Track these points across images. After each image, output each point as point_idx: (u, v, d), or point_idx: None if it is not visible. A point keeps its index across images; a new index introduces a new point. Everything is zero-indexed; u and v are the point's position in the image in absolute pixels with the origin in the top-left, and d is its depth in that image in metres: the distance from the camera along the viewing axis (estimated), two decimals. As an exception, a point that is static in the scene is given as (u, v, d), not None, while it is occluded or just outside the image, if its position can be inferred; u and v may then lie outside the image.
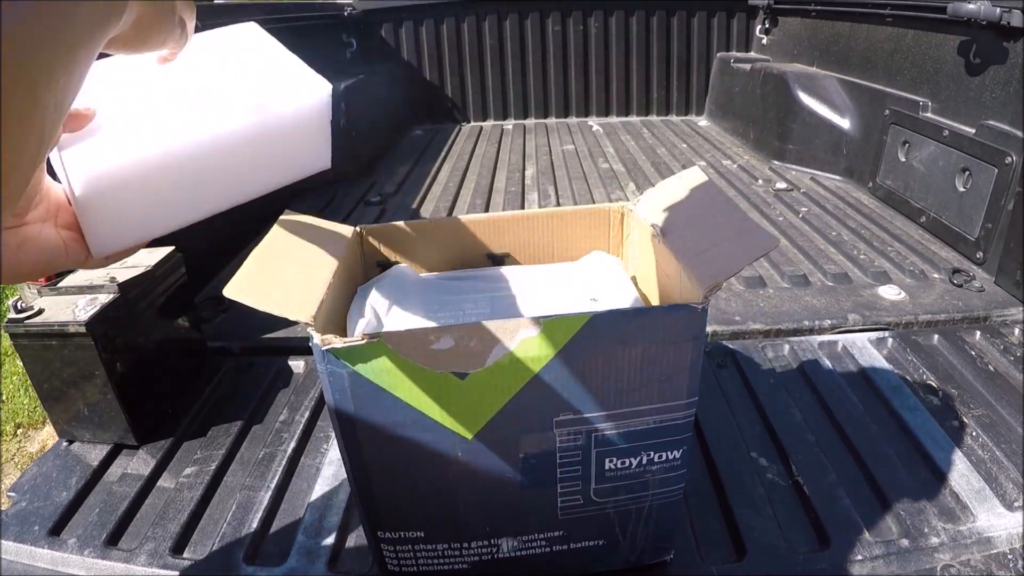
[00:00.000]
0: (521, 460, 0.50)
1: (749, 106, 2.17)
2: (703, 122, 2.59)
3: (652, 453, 0.52)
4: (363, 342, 0.43)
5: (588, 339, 0.45)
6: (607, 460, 0.51)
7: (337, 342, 0.43)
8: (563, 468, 0.51)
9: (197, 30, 0.42)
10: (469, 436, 0.48)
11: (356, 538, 0.68)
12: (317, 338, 0.43)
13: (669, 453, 0.52)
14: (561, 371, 0.46)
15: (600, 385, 0.47)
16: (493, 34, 2.55)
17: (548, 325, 0.44)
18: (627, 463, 0.52)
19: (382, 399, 0.46)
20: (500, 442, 0.49)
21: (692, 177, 0.60)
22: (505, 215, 0.64)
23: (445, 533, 0.54)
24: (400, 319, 0.54)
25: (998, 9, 1.14)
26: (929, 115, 1.40)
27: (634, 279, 0.63)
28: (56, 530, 0.70)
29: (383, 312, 0.54)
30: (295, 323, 0.63)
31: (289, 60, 0.47)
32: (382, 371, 0.45)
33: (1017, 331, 0.99)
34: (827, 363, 0.93)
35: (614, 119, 2.67)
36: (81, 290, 0.80)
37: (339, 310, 0.54)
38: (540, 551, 0.56)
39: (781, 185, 1.72)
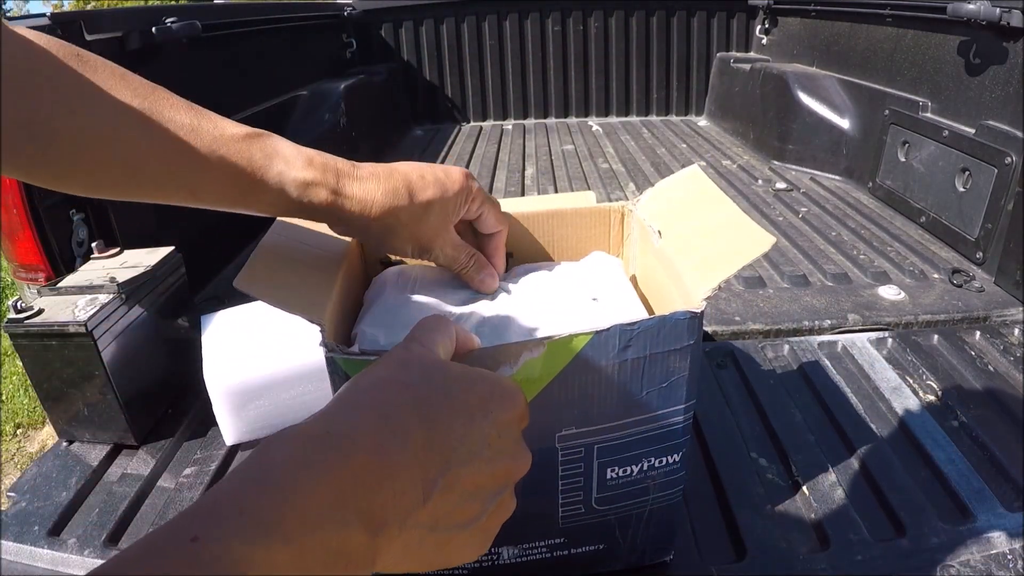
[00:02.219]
0: None
1: (749, 106, 2.17)
2: (703, 122, 2.59)
3: (653, 459, 0.52)
4: (362, 358, 0.42)
5: (591, 356, 0.45)
6: (608, 469, 0.51)
7: (337, 353, 0.43)
8: (564, 480, 0.51)
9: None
10: None
11: (356, 538, 0.68)
12: (323, 339, 0.43)
13: (669, 457, 0.52)
14: (564, 389, 0.46)
15: (602, 398, 0.47)
16: (493, 34, 2.55)
17: (552, 346, 0.43)
18: (628, 471, 0.52)
19: None
20: None
21: (691, 176, 0.60)
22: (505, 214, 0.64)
23: None
24: (405, 330, 0.54)
25: (998, 9, 1.14)
26: (929, 115, 1.40)
27: (634, 279, 0.63)
28: (56, 530, 0.70)
29: (388, 321, 0.54)
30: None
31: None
32: None
33: (1017, 331, 0.99)
34: (827, 363, 0.93)
35: (614, 119, 2.67)
36: (81, 290, 0.80)
37: (342, 311, 0.54)
38: (540, 557, 0.56)
39: (781, 185, 1.72)
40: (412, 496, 0.28)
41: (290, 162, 0.45)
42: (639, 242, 0.63)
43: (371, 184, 0.47)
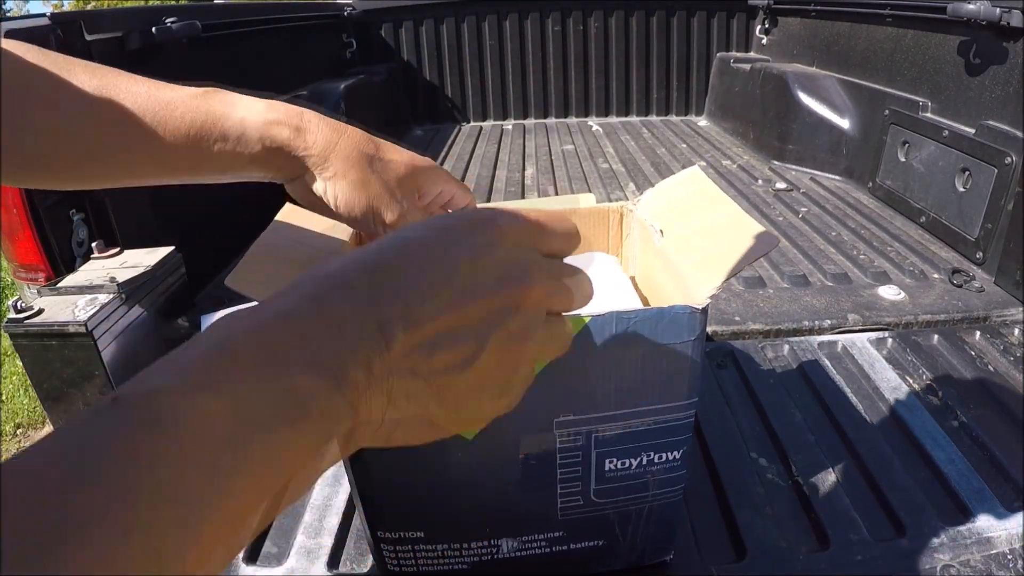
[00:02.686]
0: (521, 461, 0.50)
1: (749, 106, 2.17)
2: (703, 122, 2.59)
3: (652, 454, 0.52)
4: None
5: (588, 340, 0.45)
6: (607, 461, 0.51)
7: None
8: (563, 469, 0.51)
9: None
10: (469, 437, 0.48)
11: (356, 538, 0.68)
12: None
13: (669, 454, 0.52)
14: (561, 372, 0.46)
15: (600, 386, 0.47)
16: (493, 34, 2.55)
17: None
18: (627, 464, 0.52)
19: None
20: (500, 443, 0.49)
21: (692, 176, 0.60)
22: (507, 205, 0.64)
23: (445, 533, 0.54)
24: None
25: (998, 9, 1.14)
26: (929, 115, 1.40)
27: (633, 279, 0.63)
28: (56, 530, 0.70)
29: None
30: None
31: None
32: None
33: (1017, 331, 0.99)
34: (827, 363, 0.93)
35: (614, 119, 2.67)
36: (81, 290, 0.80)
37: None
38: (540, 551, 0.56)
39: (781, 185, 1.72)
40: (368, 342, 0.26)
41: (250, 107, 0.44)
42: (639, 242, 0.63)
43: (335, 125, 0.46)
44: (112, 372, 0.77)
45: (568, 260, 0.65)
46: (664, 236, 0.56)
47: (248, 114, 0.44)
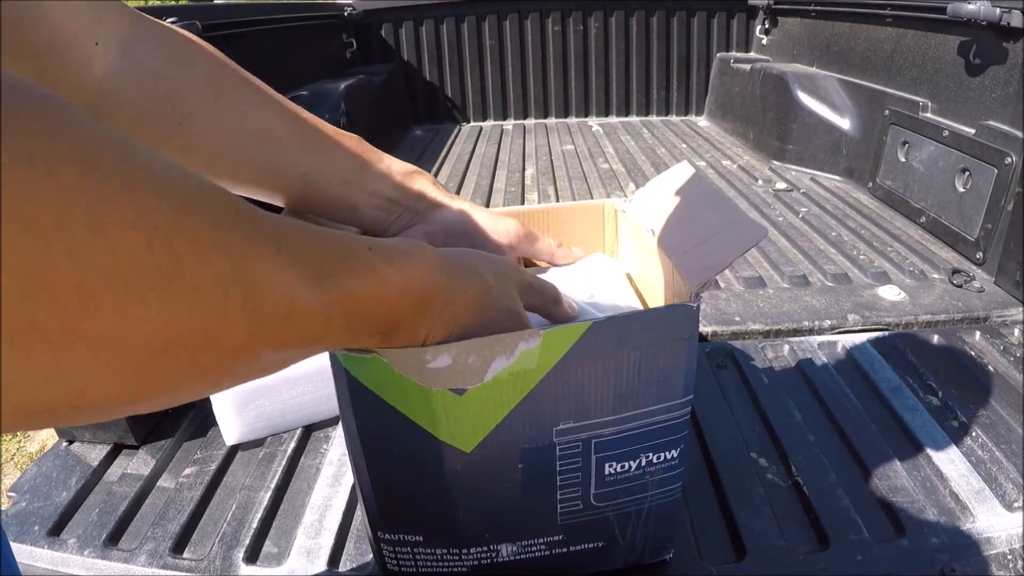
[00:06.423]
0: (520, 470, 0.50)
1: (749, 106, 2.17)
2: (703, 122, 2.59)
3: (651, 454, 0.52)
4: (358, 354, 0.42)
5: (587, 347, 0.45)
6: (607, 465, 0.51)
7: (339, 350, 0.43)
8: (563, 475, 0.51)
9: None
10: (467, 449, 0.48)
11: (356, 538, 0.68)
12: None
13: (667, 453, 0.52)
14: (561, 381, 0.46)
15: (599, 392, 0.47)
16: (493, 34, 2.55)
17: (547, 336, 0.43)
18: (627, 466, 0.52)
19: (380, 408, 0.46)
20: (499, 454, 0.49)
21: (682, 172, 0.60)
22: (502, 211, 0.64)
23: (444, 538, 0.54)
24: None
25: (998, 9, 1.14)
26: (929, 115, 1.40)
27: (629, 277, 0.63)
28: (56, 530, 0.70)
29: None
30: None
31: None
32: (380, 382, 0.44)
33: (1017, 331, 0.99)
34: (827, 363, 0.93)
35: (614, 119, 2.67)
36: (81, 290, 0.80)
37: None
38: (539, 554, 0.56)
39: (781, 185, 1.72)
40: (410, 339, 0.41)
41: (393, 161, 0.53)
42: (632, 240, 0.63)
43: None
44: (112, 372, 0.77)
45: (572, 264, 0.65)
46: (655, 233, 0.56)
47: (391, 163, 0.52)
